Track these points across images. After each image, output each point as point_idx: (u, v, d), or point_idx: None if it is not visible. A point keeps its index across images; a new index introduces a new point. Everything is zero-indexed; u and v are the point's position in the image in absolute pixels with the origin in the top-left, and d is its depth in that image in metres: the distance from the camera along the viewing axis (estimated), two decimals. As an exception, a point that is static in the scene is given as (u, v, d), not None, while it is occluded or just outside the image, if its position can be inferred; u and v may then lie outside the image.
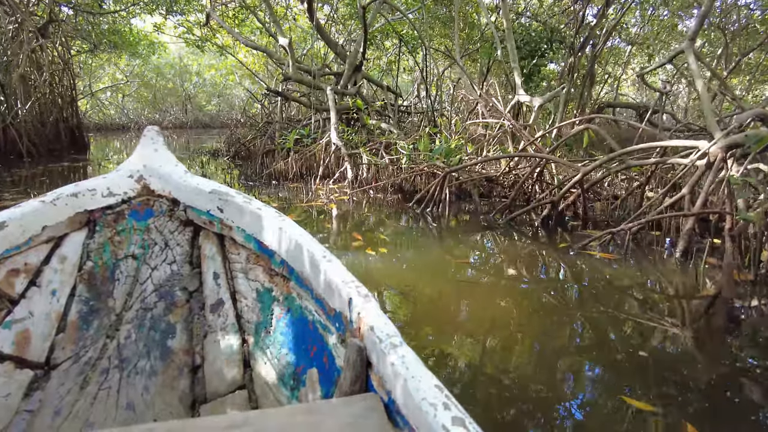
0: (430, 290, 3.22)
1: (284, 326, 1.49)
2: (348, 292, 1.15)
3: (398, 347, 0.94)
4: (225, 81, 24.01)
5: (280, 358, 1.45)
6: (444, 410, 0.77)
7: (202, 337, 1.65)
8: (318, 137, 8.61)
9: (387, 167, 6.78)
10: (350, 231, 4.69)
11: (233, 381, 1.54)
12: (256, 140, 10.50)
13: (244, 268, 1.69)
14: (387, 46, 16.60)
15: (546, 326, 2.70)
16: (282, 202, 5.95)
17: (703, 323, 2.79)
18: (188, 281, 1.73)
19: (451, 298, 3.10)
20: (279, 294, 1.55)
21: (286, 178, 7.67)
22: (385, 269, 3.68)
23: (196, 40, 14.88)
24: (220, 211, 1.69)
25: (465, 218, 5.30)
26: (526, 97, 6.68)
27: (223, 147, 12.39)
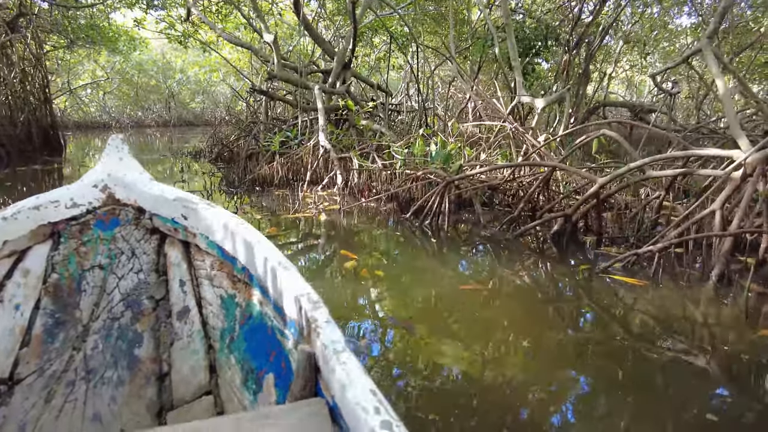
0: (437, 325, 2.70)
1: (247, 332, 1.49)
2: (300, 298, 1.16)
3: (341, 353, 0.95)
4: (209, 78, 23.19)
5: (243, 363, 1.47)
6: (375, 414, 0.79)
7: (169, 344, 1.65)
8: (305, 139, 8.03)
9: (380, 173, 6.23)
10: (342, 248, 4.15)
11: (200, 387, 1.57)
12: (239, 141, 9.87)
13: (209, 274, 1.68)
14: (376, 43, 16.02)
15: (580, 376, 2.19)
16: (266, 213, 5.38)
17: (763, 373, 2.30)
18: (155, 289, 1.73)
19: (462, 335, 2.57)
20: (242, 300, 1.55)
21: (271, 184, 7.09)
22: (383, 298, 3.15)
23: (178, 36, 14.14)
24: (184, 219, 1.67)
25: (467, 231, 4.78)
26: (529, 98, 6.18)
27: (206, 148, 11.73)
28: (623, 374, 2.27)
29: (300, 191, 6.63)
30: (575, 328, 2.75)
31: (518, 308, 3.03)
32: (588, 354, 2.47)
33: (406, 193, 5.55)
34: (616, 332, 2.70)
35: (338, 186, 6.54)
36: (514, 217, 4.56)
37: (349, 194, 6.35)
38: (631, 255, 3.56)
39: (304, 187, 6.72)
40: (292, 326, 1.23)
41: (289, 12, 16.04)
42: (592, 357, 2.44)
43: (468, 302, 3.07)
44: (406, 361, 2.36)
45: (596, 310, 3.01)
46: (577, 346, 2.55)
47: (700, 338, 2.68)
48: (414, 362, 2.34)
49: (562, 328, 2.74)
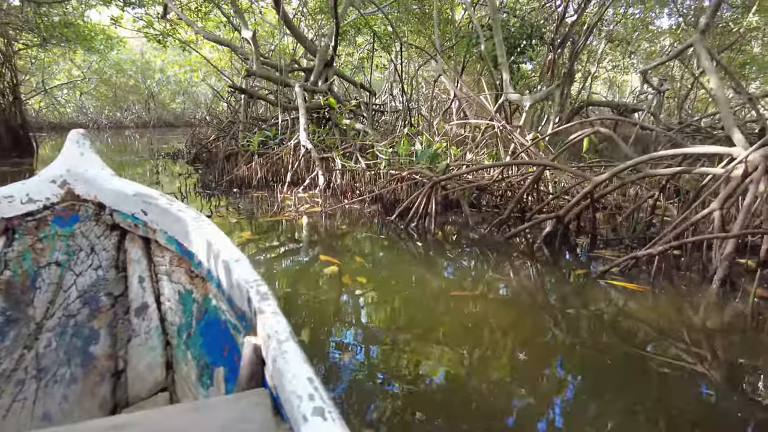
0: (427, 335, 2.44)
1: (203, 327, 1.49)
2: (249, 290, 1.16)
3: (284, 342, 0.96)
4: (189, 78, 22.67)
5: (199, 358, 1.46)
6: (309, 401, 0.80)
7: (126, 341, 1.64)
8: (286, 139, 7.72)
9: (363, 173, 5.96)
10: (323, 252, 3.88)
11: (156, 383, 1.57)
12: (218, 142, 9.52)
13: (168, 270, 1.67)
14: (359, 42, 15.75)
15: (583, 390, 1.95)
16: (243, 216, 5.08)
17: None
18: (113, 286, 1.71)
19: (453, 346, 2.32)
20: (198, 295, 1.54)
21: (249, 185, 6.77)
22: (367, 306, 2.88)
23: (156, 35, 13.70)
24: (144, 214, 1.66)
25: (454, 233, 4.54)
26: (516, 95, 5.96)
27: (184, 149, 11.34)
28: (630, 388, 2.04)
29: (279, 193, 6.33)
30: (575, 339, 2.51)
31: (513, 317, 2.79)
32: (590, 367, 2.23)
33: (391, 194, 5.29)
34: (619, 342, 2.47)
35: (320, 187, 6.25)
36: (503, 219, 4.33)
37: (332, 196, 6.07)
38: (629, 258, 3.35)
39: (284, 188, 6.43)
40: (243, 319, 1.23)
41: (271, 11, 15.72)
42: (595, 370, 2.21)
43: (459, 310, 2.82)
44: (394, 375, 2.09)
45: (596, 318, 2.78)
46: (578, 357, 2.32)
47: (708, 347, 2.46)
48: (402, 376, 2.08)
49: (562, 339, 2.50)
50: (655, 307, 2.93)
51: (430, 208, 4.54)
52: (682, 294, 3.13)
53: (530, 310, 2.88)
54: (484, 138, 5.94)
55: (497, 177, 4.95)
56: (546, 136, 5.14)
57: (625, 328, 2.66)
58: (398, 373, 2.15)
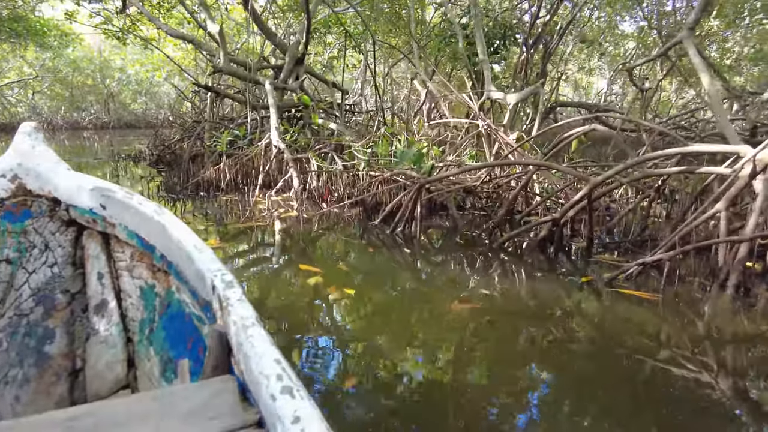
0: (432, 356, 2.10)
1: (166, 321, 1.45)
2: (213, 280, 1.13)
3: (249, 328, 0.95)
4: (152, 77, 21.71)
5: (162, 353, 1.43)
6: (276, 381, 0.79)
7: (84, 339, 1.60)
8: (256, 139, 7.27)
9: (341, 175, 5.59)
10: (303, 260, 3.50)
11: (116, 381, 1.54)
12: (182, 142, 8.97)
13: (129, 266, 1.62)
14: (329, 41, 15.34)
15: (607, 416, 1.66)
16: (212, 221, 4.64)
17: None
18: (70, 283, 1.65)
19: (463, 367, 2.00)
20: (161, 289, 1.51)
21: (217, 189, 6.30)
22: (359, 323, 2.53)
23: (115, 32, 12.94)
24: (103, 209, 1.59)
25: (442, 239, 4.23)
26: (499, 93, 5.71)
27: (146, 150, 10.70)
28: (655, 411, 1.76)
29: (251, 196, 5.89)
30: (590, 355, 2.23)
31: (519, 330, 2.48)
32: (610, 386, 1.94)
33: (373, 196, 4.94)
34: (638, 359, 2.19)
35: (295, 190, 5.85)
36: (496, 223, 4.04)
37: (308, 199, 5.68)
38: (637, 264, 3.10)
39: (256, 191, 5.98)
40: (208, 310, 1.19)
41: (237, 8, 15.17)
42: (615, 390, 1.92)
43: (461, 325, 2.50)
44: (405, 408, 1.75)
45: (610, 331, 2.50)
46: (595, 375, 2.02)
47: (737, 362, 2.21)
48: (413, 409, 1.73)
49: (574, 356, 2.21)
50: (671, 317, 2.68)
51: (416, 211, 4.21)
52: (695, 302, 2.90)
53: (538, 323, 2.58)
54: (467, 138, 5.66)
55: (485, 178, 4.67)
56: (534, 136, 4.89)
57: (642, 342, 2.39)
58: (405, 399, 1.81)
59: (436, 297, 2.93)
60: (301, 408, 0.74)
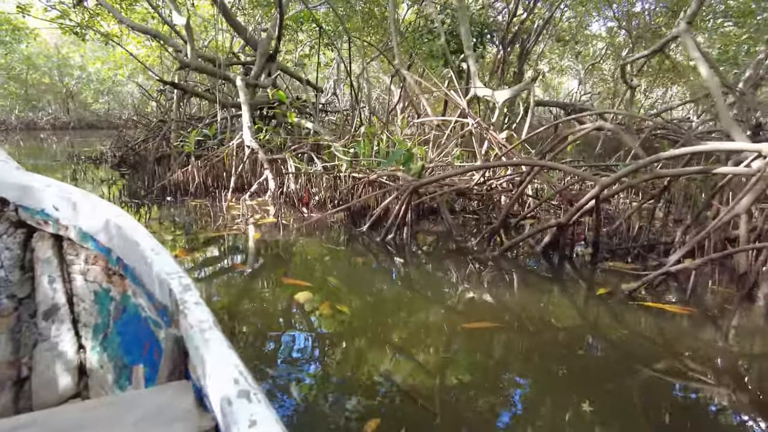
0: (447, 381, 1.73)
1: (121, 326, 1.40)
2: (170, 283, 1.09)
3: (206, 331, 0.91)
4: (114, 76, 20.68)
5: (116, 360, 1.37)
6: (233, 385, 0.76)
7: (32, 346, 1.52)
8: (226, 138, 6.77)
9: (321, 177, 5.17)
10: (287, 273, 3.08)
11: (66, 390, 1.48)
12: (147, 143, 8.37)
13: (83, 269, 1.54)
14: (300, 39, 14.83)
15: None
16: (181, 229, 4.15)
17: None
18: (17, 288, 1.56)
19: (487, 404, 1.63)
20: (116, 293, 1.44)
21: (186, 193, 5.77)
22: (361, 347, 2.13)
23: (73, 27, 12.12)
24: (56, 210, 1.51)
25: (437, 247, 3.86)
26: (486, 90, 5.39)
27: (108, 152, 10.01)
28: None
29: (223, 201, 5.40)
30: (636, 384, 1.89)
31: (549, 358, 2.13)
32: (661, 422, 1.61)
33: (358, 200, 4.54)
34: (690, 386, 1.87)
35: (271, 193, 5.39)
36: (494, 228, 3.69)
37: (286, 203, 5.23)
38: (660, 274, 2.80)
39: (228, 195, 5.49)
40: (164, 314, 1.15)
41: (205, 5, 14.51)
42: (670, 426, 1.58)
43: (479, 348, 2.13)
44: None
45: (650, 353, 2.17)
46: (646, 408, 1.69)
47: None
48: None
49: (621, 386, 1.87)
50: (710, 334, 2.38)
51: (407, 216, 3.83)
52: (727, 314, 2.62)
53: (563, 346, 2.24)
54: (454, 137, 5.32)
55: (478, 180, 4.33)
56: (531, 135, 4.57)
57: (689, 365, 2.07)
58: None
59: (442, 315, 2.56)
60: (257, 412, 0.71)
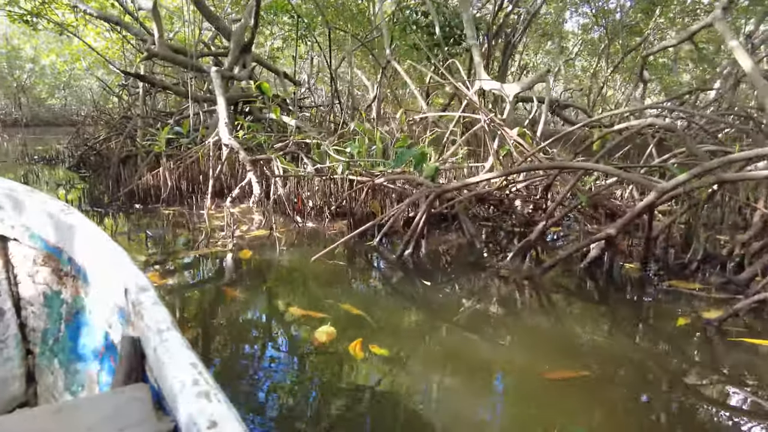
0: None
1: (73, 330, 1.32)
2: (126, 283, 1.06)
3: (164, 332, 0.88)
4: (71, 70, 19.28)
5: (68, 365, 1.30)
6: (192, 386, 0.73)
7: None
8: (199, 137, 6.01)
9: (312, 180, 4.51)
10: (295, 301, 2.45)
11: (12, 398, 1.41)
12: (109, 142, 7.50)
13: (31, 271, 1.47)
14: (272, 31, 13.99)
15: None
16: (156, 248, 3.44)
17: None
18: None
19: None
20: (68, 296, 1.37)
21: (156, 199, 5.01)
22: (419, 409, 1.53)
23: (23, 15, 10.96)
24: (0, 209, 1.47)
25: (460, 262, 3.28)
26: (494, 83, 4.84)
27: (65, 151, 9.04)
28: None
29: (201, 209, 4.68)
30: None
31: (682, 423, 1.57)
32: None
33: (360, 207, 3.92)
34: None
35: (255, 199, 4.71)
36: (530, 242, 3.14)
37: (275, 211, 4.55)
38: (754, 301, 2.30)
39: (207, 202, 4.76)
40: (121, 315, 1.10)
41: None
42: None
43: (577, 410, 1.56)
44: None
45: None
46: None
47: None
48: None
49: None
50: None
51: (425, 228, 3.24)
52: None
53: (678, 406, 1.69)
54: (453, 135, 4.75)
55: (500, 184, 3.77)
56: (561, 136, 4.05)
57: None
58: None
59: (506, 359, 1.98)
60: (217, 412, 0.67)
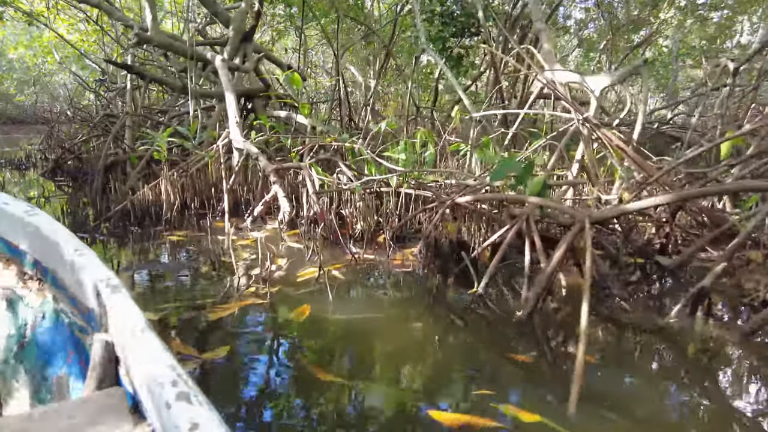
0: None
1: (40, 335, 1.26)
2: (97, 285, 1.00)
3: (140, 334, 0.84)
4: (42, 64, 17.70)
5: (34, 372, 1.23)
6: (172, 387, 0.70)
7: None
8: (203, 139, 4.95)
9: (364, 195, 3.52)
10: (425, 396, 1.49)
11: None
12: (89, 143, 6.36)
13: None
14: (264, 21, 12.83)
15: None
16: (170, 301, 2.42)
17: None
18: None
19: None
20: (33, 300, 1.30)
21: (158, 218, 3.94)
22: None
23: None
24: None
25: (618, 323, 2.35)
26: (573, 75, 3.91)
27: (38, 154, 7.82)
28: None
29: (217, 232, 3.64)
30: None
31: None
32: None
33: (436, 232, 2.94)
34: None
35: (285, 217, 3.69)
36: (704, 288, 2.22)
37: (308, 233, 3.53)
38: None
39: (227, 225, 3.69)
40: (92, 318, 1.05)
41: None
42: None
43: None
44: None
45: None
46: None
47: None
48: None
49: None
50: None
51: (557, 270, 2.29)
52: None
53: None
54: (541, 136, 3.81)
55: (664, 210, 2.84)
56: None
57: None
58: None
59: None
60: (199, 414, 0.64)
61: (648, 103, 3.61)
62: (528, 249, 2.65)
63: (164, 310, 2.30)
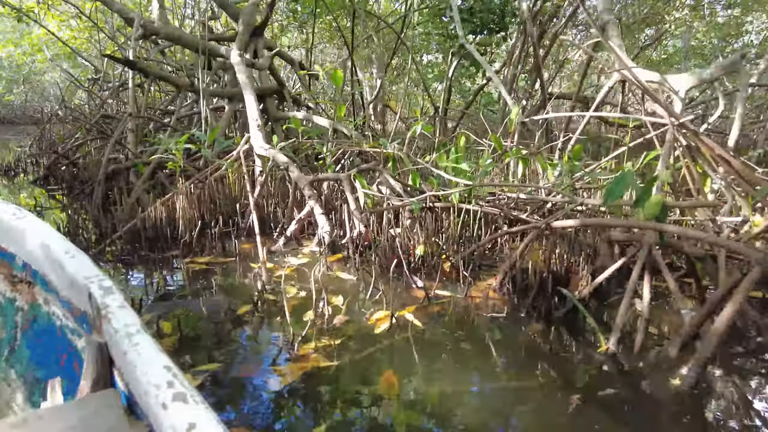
0: None
1: (31, 338, 1.24)
2: (89, 287, 0.98)
3: (134, 335, 0.83)
4: (32, 62, 16.89)
5: (26, 376, 1.21)
6: (168, 388, 0.69)
7: None
8: (230, 147, 4.34)
9: (424, 215, 2.95)
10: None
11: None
12: (86, 147, 5.73)
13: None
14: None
15: None
16: (205, 363, 1.85)
17: None
18: None
19: None
20: (24, 303, 1.28)
21: (173, 240, 3.33)
22: None
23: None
24: None
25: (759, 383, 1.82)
26: (651, 73, 3.35)
27: (27, 158, 7.15)
28: None
29: (247, 257, 3.06)
30: None
31: None
32: None
33: (517, 259, 2.39)
34: None
35: (325, 239, 3.11)
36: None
37: (361, 261, 2.95)
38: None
39: (261, 251, 3.09)
40: (84, 320, 1.02)
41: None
42: None
43: None
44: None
45: None
46: None
47: None
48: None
49: None
50: None
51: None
52: None
53: None
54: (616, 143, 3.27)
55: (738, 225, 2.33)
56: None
57: None
58: None
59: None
60: (196, 414, 0.63)
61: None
62: (647, 287, 2.12)
63: (204, 373, 1.73)
